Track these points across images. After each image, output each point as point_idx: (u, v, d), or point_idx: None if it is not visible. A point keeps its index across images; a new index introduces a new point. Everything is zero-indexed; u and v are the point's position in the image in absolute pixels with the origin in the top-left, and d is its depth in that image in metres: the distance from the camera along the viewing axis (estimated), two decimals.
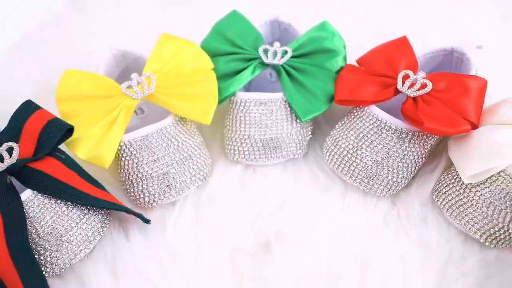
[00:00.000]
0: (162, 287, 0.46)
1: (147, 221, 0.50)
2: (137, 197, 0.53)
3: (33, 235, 0.47)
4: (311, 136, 0.58)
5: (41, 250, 0.47)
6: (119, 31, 0.74)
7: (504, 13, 0.71)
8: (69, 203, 0.49)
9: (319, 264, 0.48)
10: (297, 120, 0.56)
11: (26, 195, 0.48)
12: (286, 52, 0.58)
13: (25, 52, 0.72)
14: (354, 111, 0.55)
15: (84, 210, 0.49)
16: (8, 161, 0.48)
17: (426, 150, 0.53)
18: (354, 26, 0.65)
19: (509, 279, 0.45)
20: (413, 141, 0.52)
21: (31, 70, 0.70)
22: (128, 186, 0.54)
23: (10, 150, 0.49)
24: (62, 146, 0.53)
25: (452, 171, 0.52)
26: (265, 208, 0.53)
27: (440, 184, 0.52)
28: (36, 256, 0.46)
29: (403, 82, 0.54)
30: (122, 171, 0.54)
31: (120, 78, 0.62)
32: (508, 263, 0.47)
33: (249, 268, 0.48)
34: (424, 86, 0.53)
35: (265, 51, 0.58)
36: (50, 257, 0.47)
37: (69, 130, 0.52)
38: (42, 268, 0.47)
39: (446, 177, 0.52)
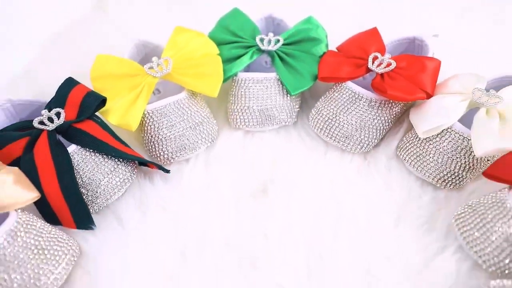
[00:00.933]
0: (180, 218, 0.58)
1: (167, 171, 0.63)
2: (158, 155, 0.66)
3: (77, 180, 0.59)
4: (299, 108, 0.71)
5: (84, 192, 0.59)
6: (135, 27, 0.86)
7: (464, 6, 0.84)
8: (104, 155, 0.61)
9: (305, 203, 0.60)
10: (288, 94, 0.69)
11: (71, 148, 0.60)
12: (278, 40, 0.71)
13: (58, 46, 0.84)
14: (334, 87, 0.68)
15: (117, 161, 0.61)
16: (57, 122, 0.60)
17: (392, 116, 0.66)
18: (335, 20, 0.78)
19: (453, 210, 0.57)
20: (381, 108, 0.65)
21: (64, 61, 0.82)
22: (150, 147, 0.66)
23: (58, 114, 0.61)
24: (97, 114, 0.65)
25: (412, 132, 0.64)
26: (262, 163, 0.65)
27: (402, 142, 0.65)
28: None
29: (373, 62, 0.66)
30: (145, 134, 0.66)
31: (141, 64, 0.74)
32: (454, 199, 0.59)
33: (249, 206, 0.60)
34: (389, 64, 0.66)
35: (261, 40, 0.71)
36: (91, 197, 0.59)
37: (103, 101, 0.65)
38: None
39: (407, 136, 0.65)
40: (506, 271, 0.50)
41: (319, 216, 0.59)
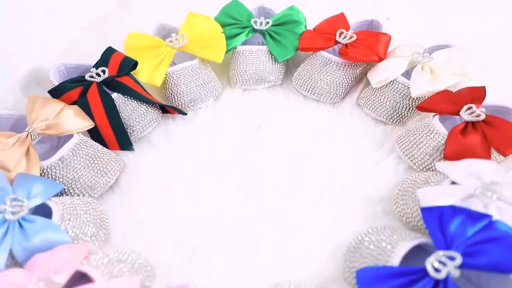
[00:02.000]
0: (195, 145, 0.78)
1: (184, 113, 0.83)
2: (176, 105, 0.86)
3: None
4: (284, 73, 0.92)
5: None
6: (154, 19, 1.07)
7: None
8: (138, 101, 0.81)
9: (289, 137, 0.80)
10: (275, 61, 0.90)
11: (114, 96, 0.80)
12: (268, 22, 0.92)
13: (89, 37, 1.05)
14: (311, 55, 0.89)
15: (147, 106, 0.81)
16: (103, 76, 0.81)
17: (354, 76, 0.87)
18: (312, 8, 0.99)
19: (395, 135, 0.77)
20: (346, 70, 0.86)
21: (94, 48, 1.02)
22: (170, 99, 0.86)
23: (103, 71, 0.81)
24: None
25: (369, 87, 0.85)
26: (256, 112, 0.85)
27: (361, 94, 0.86)
28: None
29: (339, 36, 0.88)
30: (166, 90, 0.87)
31: None
32: (396, 130, 0.79)
33: (247, 138, 0.80)
34: (351, 37, 0.87)
35: (255, 22, 0.92)
36: (129, 132, 0.79)
37: (134, 65, 0.85)
38: None
39: (365, 90, 0.86)
40: (431, 169, 0.71)
41: (299, 145, 0.79)
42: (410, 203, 0.65)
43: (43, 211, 0.64)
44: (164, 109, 0.84)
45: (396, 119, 0.81)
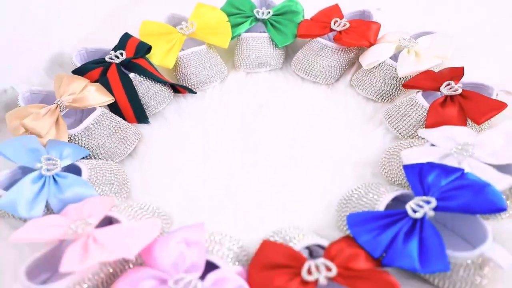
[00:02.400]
0: (204, 121, 0.87)
1: (194, 92, 0.92)
2: (186, 85, 0.95)
3: None
4: (283, 57, 1.01)
5: None
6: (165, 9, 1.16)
7: None
8: (152, 81, 0.90)
9: (288, 115, 0.89)
10: (276, 47, 0.99)
11: (131, 75, 0.89)
12: (269, 12, 1.01)
13: (106, 25, 1.13)
14: (308, 42, 0.98)
15: (160, 85, 0.90)
16: (121, 58, 0.89)
17: (348, 60, 0.96)
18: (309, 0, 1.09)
19: (384, 110, 0.86)
20: (340, 54, 0.95)
21: (111, 35, 1.11)
22: (181, 80, 0.95)
23: (121, 54, 0.90)
24: None
25: (361, 70, 0.94)
26: (258, 93, 0.94)
27: (354, 76, 0.95)
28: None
29: (334, 24, 0.97)
30: (177, 72, 0.95)
31: None
32: (385, 107, 0.88)
33: (251, 115, 0.89)
34: (344, 25, 0.96)
35: (257, 12, 1.02)
36: (145, 107, 0.88)
37: (149, 49, 0.94)
38: None
39: (357, 72, 0.95)
40: (415, 137, 0.80)
41: (298, 121, 0.88)
42: (395, 165, 0.74)
43: (72, 172, 0.73)
44: (175, 89, 0.93)
45: (384, 97, 0.90)
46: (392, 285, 0.53)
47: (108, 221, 0.65)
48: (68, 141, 0.78)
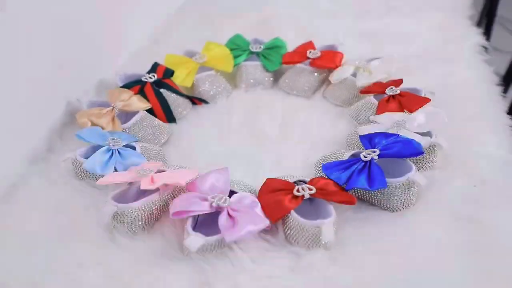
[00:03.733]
0: (217, 119, 1.18)
1: (207, 102, 1.24)
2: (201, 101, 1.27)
3: None
4: (272, 79, 1.34)
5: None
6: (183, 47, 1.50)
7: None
8: (177, 95, 1.21)
9: (279, 115, 1.21)
10: (267, 71, 1.33)
11: (161, 91, 1.20)
12: (261, 47, 1.36)
13: (137, 59, 1.46)
14: (292, 67, 1.32)
15: (183, 97, 1.21)
16: (154, 78, 1.21)
17: (321, 78, 1.29)
18: (291, 37, 1.43)
19: (348, 109, 1.19)
20: (315, 74, 1.29)
21: (142, 66, 1.43)
22: (197, 96, 1.27)
23: (153, 75, 1.22)
24: None
25: (331, 85, 1.28)
26: (255, 104, 1.26)
27: (326, 89, 1.28)
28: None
29: (309, 53, 1.31)
30: (194, 90, 1.27)
31: None
32: (343, 110, 1.21)
33: (251, 115, 1.20)
34: (317, 54, 1.31)
35: (252, 47, 1.36)
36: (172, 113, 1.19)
37: (172, 73, 1.26)
38: None
39: (328, 87, 1.28)
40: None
41: (285, 119, 1.19)
42: (355, 138, 1.05)
43: None
44: (193, 101, 1.25)
45: (348, 103, 1.23)
46: (350, 198, 0.83)
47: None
48: None
